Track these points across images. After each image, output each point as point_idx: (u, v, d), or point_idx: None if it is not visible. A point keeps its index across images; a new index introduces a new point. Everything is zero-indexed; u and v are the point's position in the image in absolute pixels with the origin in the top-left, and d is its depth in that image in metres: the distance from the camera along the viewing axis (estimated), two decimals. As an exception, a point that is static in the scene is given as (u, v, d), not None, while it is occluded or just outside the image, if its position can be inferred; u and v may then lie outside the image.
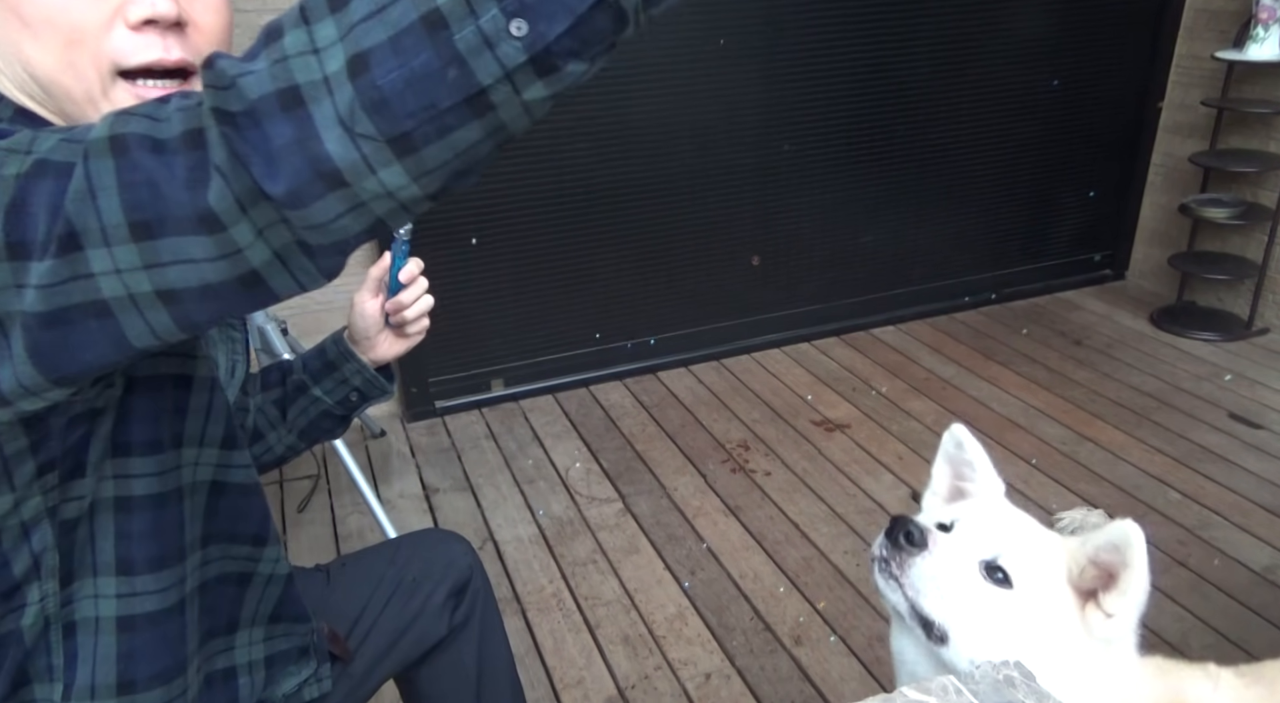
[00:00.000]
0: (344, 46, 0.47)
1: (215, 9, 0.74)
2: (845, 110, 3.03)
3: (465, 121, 0.49)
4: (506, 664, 1.29)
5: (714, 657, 1.86)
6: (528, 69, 0.47)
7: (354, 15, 0.47)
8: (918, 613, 0.86)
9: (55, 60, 0.68)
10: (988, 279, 3.52)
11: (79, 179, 0.53)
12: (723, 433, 2.69)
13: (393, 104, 0.47)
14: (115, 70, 0.69)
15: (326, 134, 0.48)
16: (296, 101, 0.48)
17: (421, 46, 0.46)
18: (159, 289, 0.54)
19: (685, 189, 2.93)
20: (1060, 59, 3.26)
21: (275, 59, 0.48)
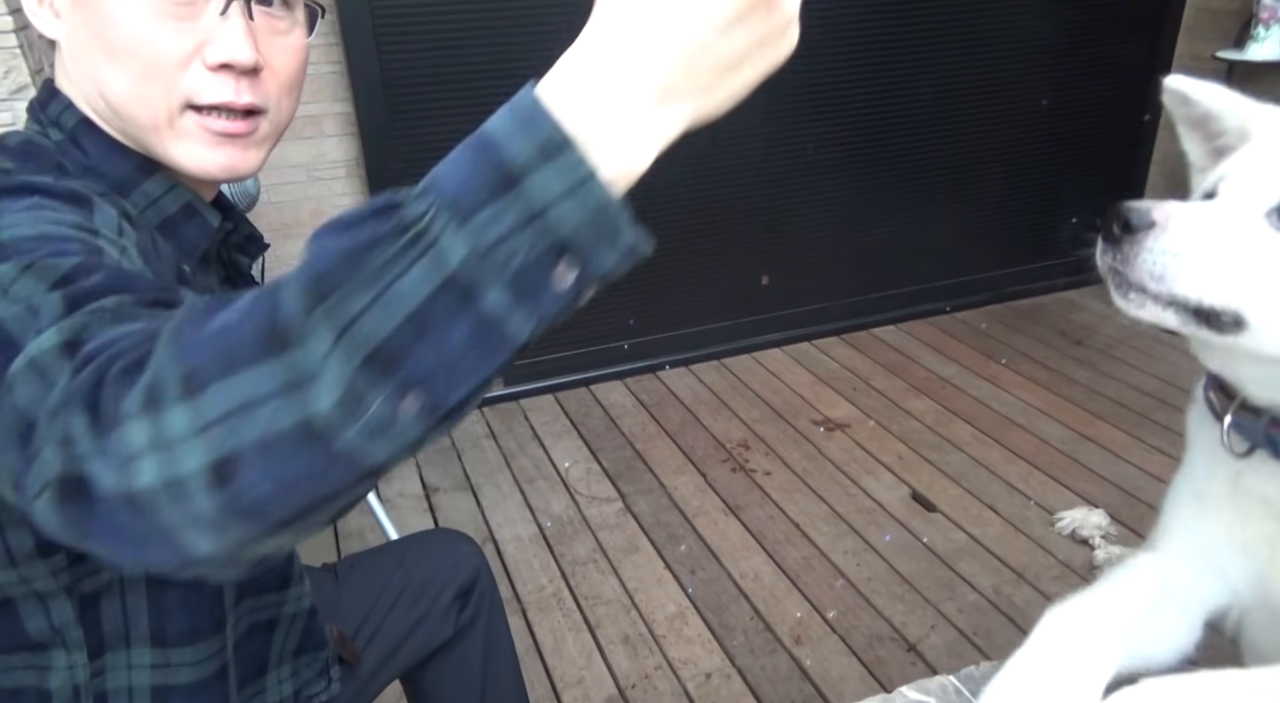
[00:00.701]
0: (204, 446, 0.40)
1: (292, 54, 0.78)
2: (847, 110, 3.03)
3: (350, 489, 0.43)
4: (511, 665, 1.29)
5: (714, 656, 1.86)
6: (423, 435, 0.41)
7: (211, 410, 0.40)
8: (1185, 305, 0.62)
9: (129, 88, 0.70)
10: (988, 278, 3.52)
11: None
12: (723, 432, 2.69)
13: (268, 508, 0.41)
14: (186, 104, 0.71)
15: (191, 535, 0.42)
16: (149, 506, 0.42)
17: (299, 453, 0.40)
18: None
19: (685, 188, 2.92)
20: (1061, 58, 3.26)
21: (124, 457, 0.42)
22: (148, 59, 0.69)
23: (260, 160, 0.79)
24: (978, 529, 2.21)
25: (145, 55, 0.69)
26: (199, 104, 0.71)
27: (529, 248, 0.41)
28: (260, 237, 0.93)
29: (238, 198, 1.75)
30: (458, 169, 0.42)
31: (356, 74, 2.45)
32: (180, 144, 0.73)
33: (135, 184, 0.75)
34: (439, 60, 2.51)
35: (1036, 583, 2.02)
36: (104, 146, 0.74)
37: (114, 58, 0.69)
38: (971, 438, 2.61)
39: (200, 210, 0.79)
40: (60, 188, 0.64)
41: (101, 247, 0.60)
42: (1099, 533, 2.14)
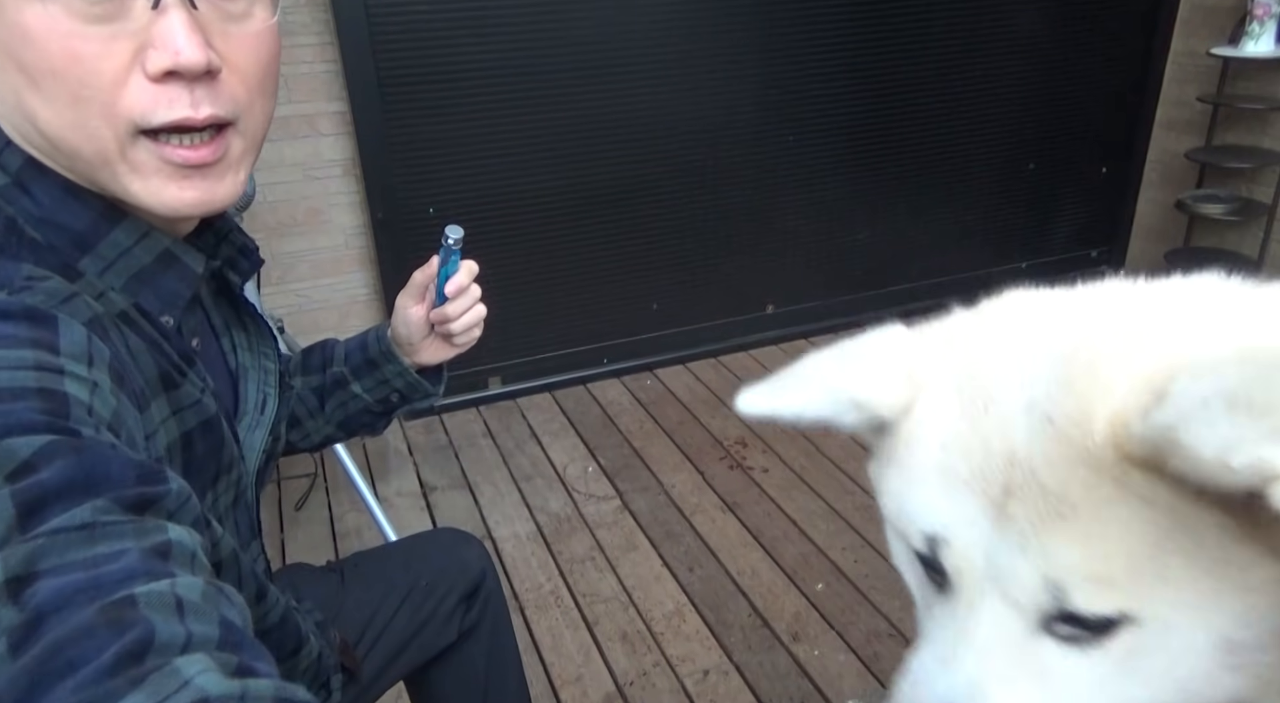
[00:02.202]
0: None
1: (255, 46, 0.63)
2: (843, 108, 3.03)
3: None
4: (515, 668, 1.28)
5: (712, 653, 1.86)
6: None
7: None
8: None
9: (62, 117, 0.57)
10: (985, 276, 3.52)
11: None
12: (720, 430, 2.70)
13: None
14: (135, 129, 0.59)
15: None
16: None
17: None
18: None
19: (683, 186, 2.93)
20: (1057, 55, 3.26)
21: None
22: (75, 78, 0.55)
23: (240, 184, 0.66)
24: (975, 526, 2.21)
25: (72, 74, 0.55)
26: (150, 127, 0.58)
27: None
28: (253, 249, 0.84)
29: (234, 197, 1.74)
30: None
31: (352, 73, 2.44)
32: (139, 181, 0.60)
33: (101, 235, 0.63)
34: (435, 59, 2.51)
35: (1033, 579, 2.02)
36: (57, 192, 0.61)
37: (38, 81, 0.56)
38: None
39: (180, 257, 0.68)
40: (16, 307, 0.53)
41: (68, 393, 0.50)
42: (1096, 529, 2.14)
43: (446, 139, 2.60)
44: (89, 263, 0.63)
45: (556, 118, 2.68)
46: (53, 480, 0.45)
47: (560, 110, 2.68)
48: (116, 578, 0.42)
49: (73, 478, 0.45)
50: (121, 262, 0.64)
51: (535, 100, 2.64)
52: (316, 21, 2.43)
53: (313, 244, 2.63)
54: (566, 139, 2.72)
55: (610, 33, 2.65)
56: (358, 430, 1.08)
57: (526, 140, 2.67)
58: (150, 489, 0.48)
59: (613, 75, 2.70)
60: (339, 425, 1.06)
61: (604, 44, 2.66)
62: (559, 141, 2.72)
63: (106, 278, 0.64)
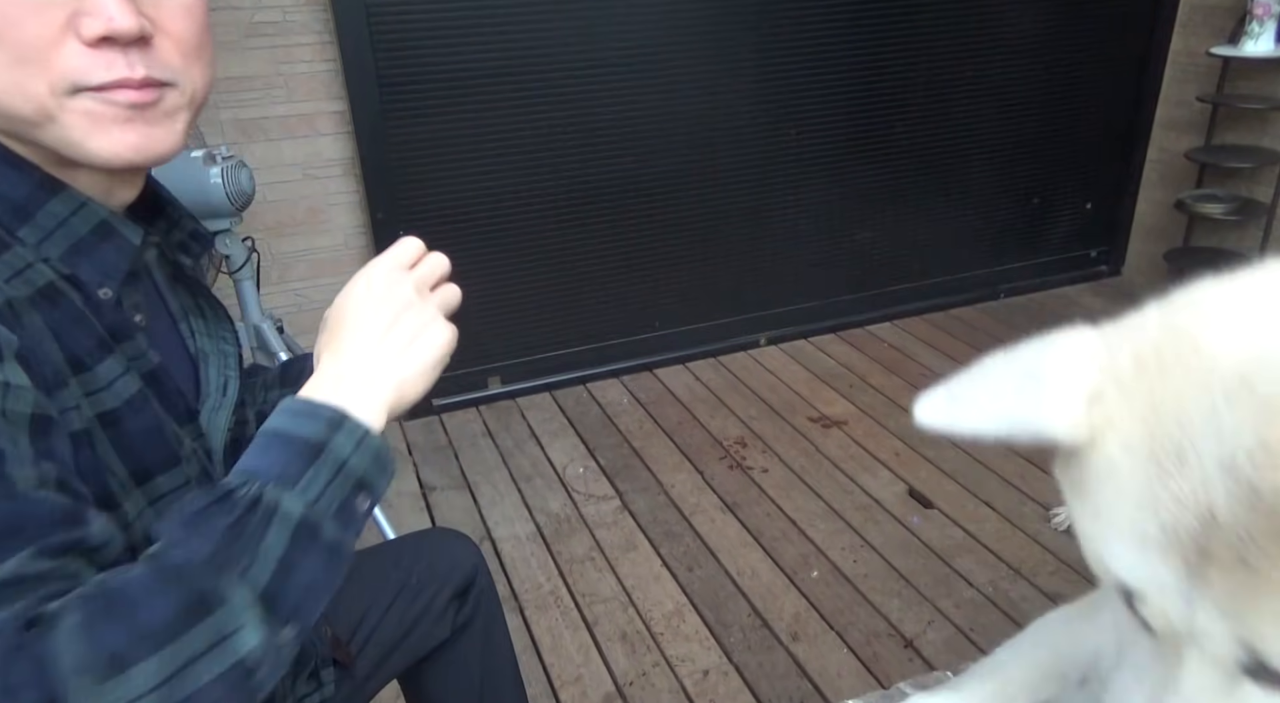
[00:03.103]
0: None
1: (186, 13, 0.67)
2: (842, 107, 3.03)
3: None
4: (510, 665, 1.29)
5: (712, 653, 1.86)
6: (290, 656, 0.56)
7: (143, 684, 0.47)
8: None
9: (4, 84, 0.60)
10: (985, 275, 3.52)
11: None
12: (720, 430, 2.69)
13: None
14: (74, 88, 0.61)
15: None
16: None
17: (229, 695, 0.50)
18: None
19: (682, 185, 2.93)
20: (1056, 54, 3.26)
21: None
22: (14, 44, 0.59)
23: (180, 137, 0.69)
24: (974, 525, 2.21)
25: (9, 37, 0.59)
26: (87, 86, 0.62)
27: (341, 489, 0.58)
28: (205, 234, 0.85)
29: (234, 198, 1.74)
30: (268, 457, 0.57)
31: (351, 72, 2.44)
32: (77, 129, 0.62)
33: (38, 204, 0.65)
34: (434, 59, 2.50)
35: (1033, 579, 2.02)
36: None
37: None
38: (968, 434, 2.61)
39: (118, 228, 0.69)
40: None
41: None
42: (1095, 529, 2.14)
43: (446, 139, 2.60)
44: (28, 232, 0.65)
45: (556, 117, 2.68)
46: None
47: (559, 110, 2.68)
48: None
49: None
50: (60, 232, 0.66)
51: (535, 100, 2.64)
52: (316, 21, 2.43)
53: (312, 244, 2.63)
54: (566, 139, 2.72)
55: (610, 33, 2.65)
56: None
57: (526, 140, 2.67)
58: (72, 533, 0.53)
59: (613, 75, 2.69)
60: None
61: (604, 44, 2.66)
62: (558, 141, 2.71)
63: (44, 248, 0.65)
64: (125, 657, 0.47)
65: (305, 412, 0.60)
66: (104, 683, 0.46)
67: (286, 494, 0.55)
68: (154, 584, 0.50)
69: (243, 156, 1.81)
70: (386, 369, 0.64)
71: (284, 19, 2.41)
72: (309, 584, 0.55)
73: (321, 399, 0.61)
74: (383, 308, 0.66)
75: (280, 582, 0.53)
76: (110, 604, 0.49)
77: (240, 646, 0.50)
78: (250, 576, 0.52)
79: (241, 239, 1.88)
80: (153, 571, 0.51)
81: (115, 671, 0.46)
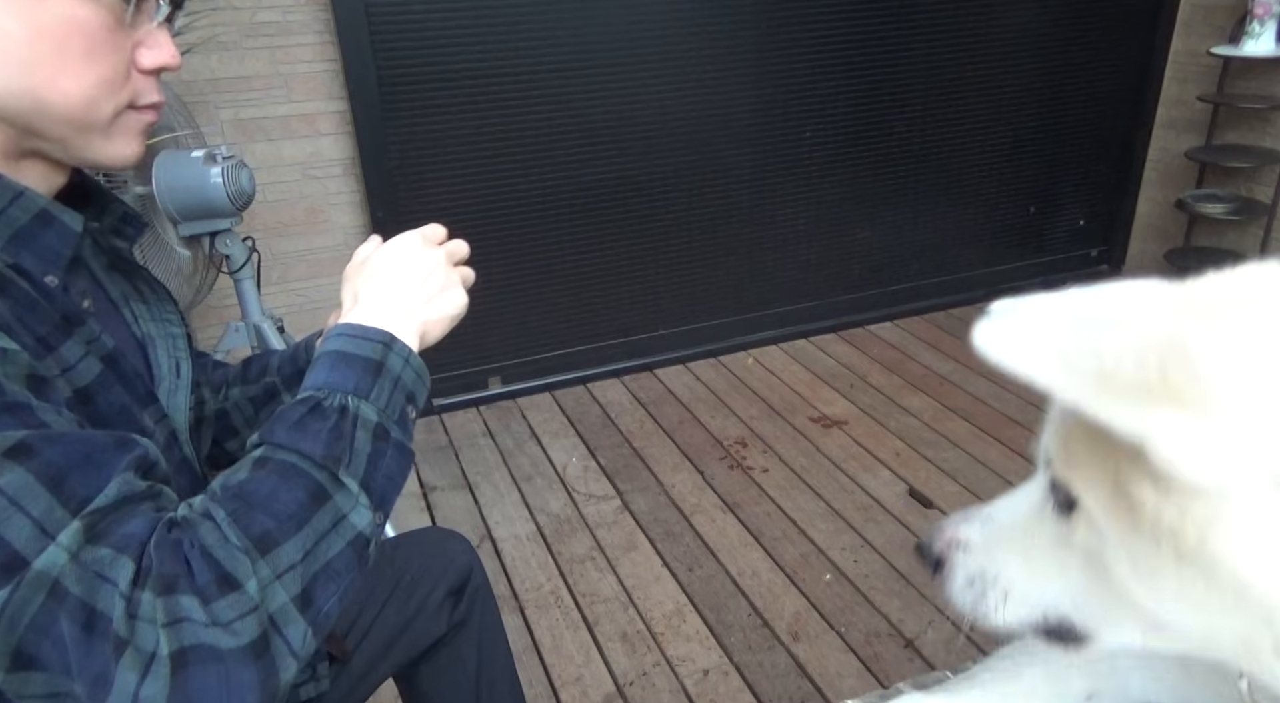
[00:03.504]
0: (291, 586, 0.58)
1: None
2: (842, 107, 3.03)
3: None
4: (506, 663, 1.29)
5: (712, 653, 1.86)
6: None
7: (286, 560, 0.58)
8: (1014, 628, 0.54)
9: (85, 93, 0.68)
10: (985, 275, 3.52)
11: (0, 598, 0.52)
12: (720, 430, 2.69)
13: (330, 617, 0.61)
14: (126, 106, 0.72)
15: (284, 665, 0.57)
16: (260, 652, 0.55)
17: (352, 564, 0.63)
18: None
19: (682, 186, 2.93)
20: (1057, 54, 3.26)
21: (231, 619, 0.54)
22: (110, 64, 0.68)
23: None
24: (975, 525, 2.21)
25: (108, 61, 0.68)
26: (140, 105, 0.73)
27: (399, 399, 0.71)
28: (137, 216, 0.88)
29: (234, 198, 1.74)
30: (339, 373, 0.69)
31: (352, 72, 2.44)
32: (115, 140, 0.73)
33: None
34: (435, 59, 2.50)
35: (1034, 579, 2.02)
36: None
37: (69, 64, 0.66)
38: (969, 435, 2.61)
39: (57, 216, 0.72)
40: None
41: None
42: (1096, 529, 2.14)
43: (446, 139, 2.60)
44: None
45: (556, 117, 2.68)
46: (47, 456, 0.55)
47: (559, 110, 2.68)
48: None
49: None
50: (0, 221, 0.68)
51: (535, 100, 2.64)
52: (317, 21, 2.43)
53: (312, 244, 2.63)
54: (566, 139, 2.72)
55: (610, 33, 2.65)
56: None
57: (526, 140, 2.67)
58: (135, 453, 0.61)
59: (613, 75, 2.69)
60: None
61: (604, 44, 2.66)
62: (558, 141, 2.71)
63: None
64: (274, 536, 0.58)
65: (359, 335, 0.71)
66: (262, 558, 0.57)
67: (364, 404, 0.67)
68: (280, 480, 0.61)
69: (243, 157, 1.81)
70: (416, 311, 0.76)
71: (284, 19, 2.41)
72: (389, 475, 0.67)
73: (370, 323, 0.72)
74: (418, 265, 0.79)
75: (372, 473, 0.65)
76: (247, 500, 0.59)
77: (357, 522, 0.63)
78: (352, 468, 0.64)
79: (242, 239, 1.88)
80: (273, 468, 0.62)
81: (269, 547, 0.58)
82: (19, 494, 0.53)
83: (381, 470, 0.66)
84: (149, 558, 0.54)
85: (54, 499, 0.54)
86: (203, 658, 0.52)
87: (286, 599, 0.57)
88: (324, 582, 0.60)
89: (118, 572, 0.53)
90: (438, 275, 0.80)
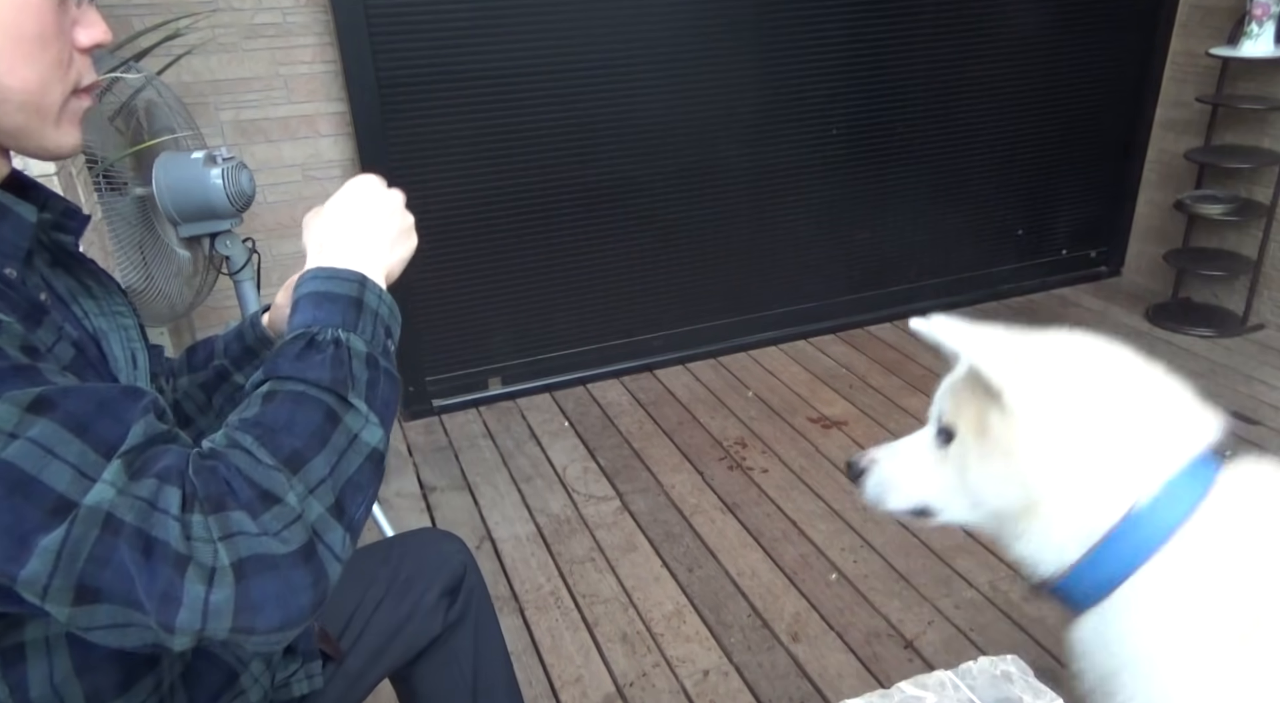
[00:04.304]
0: (327, 496, 0.62)
1: None
2: (842, 108, 3.03)
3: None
4: (502, 662, 1.29)
5: (712, 654, 1.86)
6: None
7: (317, 474, 0.62)
8: (897, 511, 0.99)
9: (39, 78, 0.69)
10: (984, 276, 3.53)
11: (56, 537, 0.54)
12: (720, 431, 2.70)
13: (360, 524, 0.66)
14: (75, 89, 0.72)
15: (331, 568, 0.62)
16: (310, 554, 0.60)
17: (373, 475, 0.67)
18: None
19: (682, 187, 2.93)
20: (1056, 55, 3.26)
21: (280, 527, 0.59)
22: (58, 47, 0.69)
23: None
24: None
25: (56, 43, 0.69)
26: (83, 87, 0.73)
27: (380, 332, 0.73)
28: (77, 209, 0.86)
29: (234, 199, 1.74)
30: (324, 311, 0.71)
31: (352, 73, 2.45)
32: (63, 127, 0.73)
33: None
34: (434, 59, 2.51)
35: (1033, 579, 2.02)
36: None
37: (23, 48, 0.67)
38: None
39: (11, 207, 0.73)
40: None
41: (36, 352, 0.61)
42: (1095, 529, 2.15)
43: (446, 140, 2.60)
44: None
45: (556, 118, 2.69)
46: (70, 406, 0.58)
47: (559, 111, 2.68)
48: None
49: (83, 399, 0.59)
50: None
51: (535, 100, 2.64)
52: (317, 22, 2.44)
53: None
54: (566, 140, 2.72)
55: (610, 33, 2.65)
56: None
57: (526, 141, 2.68)
58: (148, 399, 0.63)
59: (612, 76, 2.70)
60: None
61: (604, 45, 2.66)
62: (559, 142, 2.72)
63: None
64: (302, 453, 0.62)
65: (334, 276, 0.73)
66: (295, 474, 0.61)
67: (352, 336, 0.70)
68: (295, 406, 0.64)
69: (243, 158, 1.81)
70: (381, 254, 0.79)
71: (284, 20, 2.41)
72: (386, 400, 0.70)
73: (342, 266, 0.74)
74: (378, 208, 0.81)
75: (372, 395, 0.68)
76: (269, 426, 0.63)
77: (369, 438, 0.66)
78: (355, 390, 0.67)
79: (242, 240, 1.88)
80: (285, 397, 0.65)
81: (299, 464, 0.61)
82: (51, 443, 0.55)
83: (380, 395, 0.69)
84: (190, 485, 0.57)
85: (85, 445, 0.56)
86: (260, 565, 0.56)
87: (322, 509, 0.61)
88: (352, 493, 0.64)
89: (167, 500, 0.56)
90: (395, 218, 0.83)
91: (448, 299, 2.74)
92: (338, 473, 0.63)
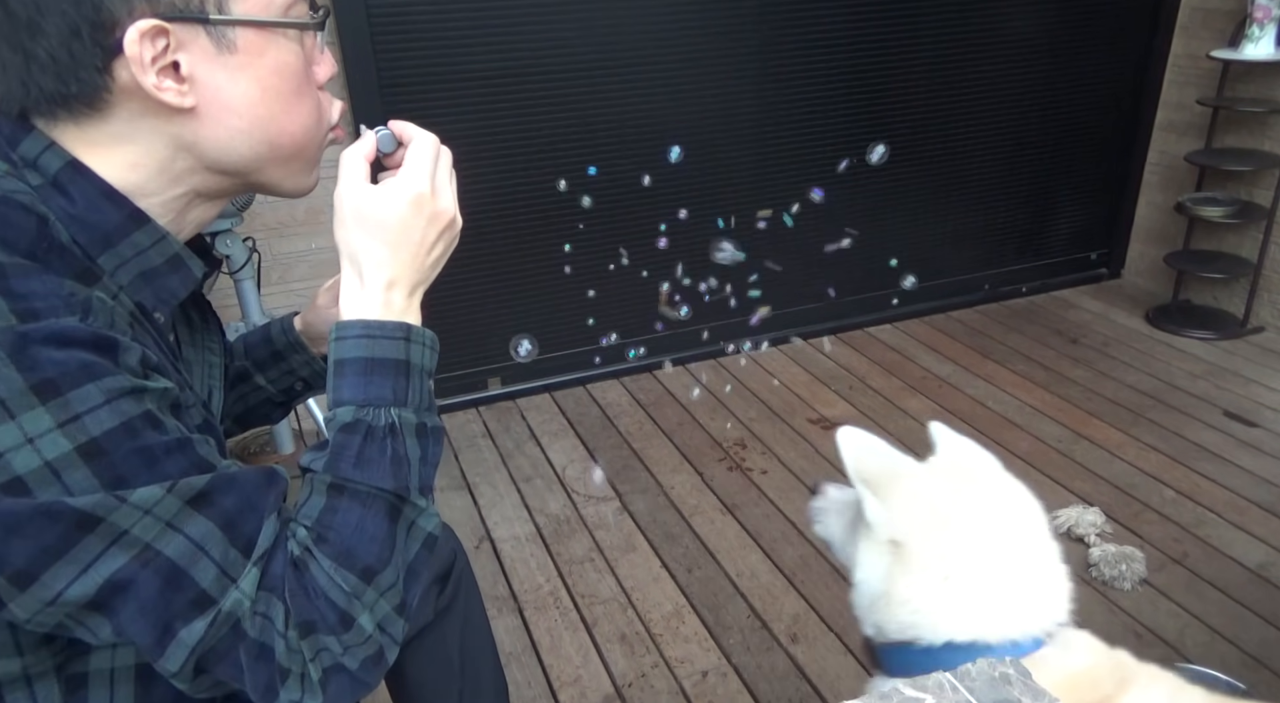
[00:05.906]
0: (393, 601, 0.71)
1: None
2: (841, 109, 3.03)
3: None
4: (488, 643, 1.32)
5: (711, 655, 1.86)
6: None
7: (386, 582, 0.70)
8: (821, 536, 1.09)
9: (310, 123, 0.77)
10: (984, 278, 3.53)
11: (196, 632, 0.63)
12: (719, 431, 2.70)
13: (416, 608, 0.74)
14: (330, 126, 0.81)
15: (390, 653, 0.71)
16: (380, 663, 0.70)
17: (426, 564, 0.75)
18: None
19: (682, 187, 2.93)
20: (1057, 57, 3.26)
21: (359, 643, 0.68)
22: (312, 94, 0.77)
23: None
24: (974, 528, 2.21)
25: (311, 93, 0.77)
26: (334, 124, 0.82)
27: (425, 385, 0.75)
28: (219, 260, 0.92)
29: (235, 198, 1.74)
30: (374, 383, 0.72)
31: (353, 74, 2.45)
32: (314, 169, 0.81)
33: (124, 234, 0.70)
34: (435, 60, 2.51)
35: (1032, 581, 2.02)
36: (94, 194, 0.69)
37: (294, 100, 0.74)
38: (967, 436, 2.61)
39: (186, 261, 0.76)
40: (85, 335, 0.60)
41: (159, 418, 0.64)
42: (1094, 532, 2.15)
43: (446, 140, 2.57)
44: (107, 259, 0.70)
45: (555, 119, 2.69)
46: (228, 503, 0.65)
47: (559, 111, 2.68)
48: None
49: (239, 499, 0.66)
50: (135, 260, 0.72)
51: (534, 101, 2.64)
52: (317, 22, 2.43)
53: (312, 245, 2.63)
54: (566, 140, 2.72)
55: (610, 34, 2.65)
56: (255, 423, 1.10)
57: (527, 140, 2.68)
58: (278, 489, 0.70)
59: (612, 76, 2.70)
60: (236, 420, 1.07)
61: (603, 45, 2.66)
62: (558, 145, 2.72)
63: (118, 275, 0.71)
64: (374, 567, 0.69)
65: (378, 333, 0.74)
66: (369, 587, 0.68)
67: (403, 411, 0.72)
68: (363, 512, 0.69)
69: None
70: (420, 280, 0.78)
71: (285, 20, 2.41)
72: (434, 463, 0.75)
73: (385, 318, 0.75)
74: (430, 229, 0.79)
75: (424, 473, 0.73)
76: (343, 541, 0.68)
77: (425, 525, 0.73)
78: (411, 479, 0.71)
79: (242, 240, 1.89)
80: (350, 498, 0.69)
81: (372, 576, 0.68)
82: (204, 541, 0.63)
83: (429, 461, 0.74)
84: (288, 601, 0.65)
85: (228, 543, 0.64)
86: (341, 674, 0.67)
87: (389, 609, 0.69)
88: (411, 584, 0.72)
89: (275, 614, 0.65)
90: (446, 237, 0.81)
91: (447, 299, 2.74)
92: (401, 571, 0.71)
